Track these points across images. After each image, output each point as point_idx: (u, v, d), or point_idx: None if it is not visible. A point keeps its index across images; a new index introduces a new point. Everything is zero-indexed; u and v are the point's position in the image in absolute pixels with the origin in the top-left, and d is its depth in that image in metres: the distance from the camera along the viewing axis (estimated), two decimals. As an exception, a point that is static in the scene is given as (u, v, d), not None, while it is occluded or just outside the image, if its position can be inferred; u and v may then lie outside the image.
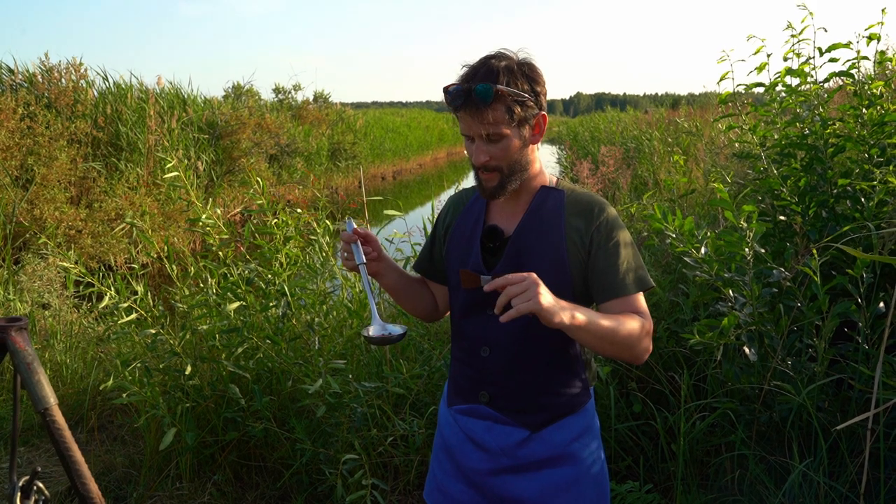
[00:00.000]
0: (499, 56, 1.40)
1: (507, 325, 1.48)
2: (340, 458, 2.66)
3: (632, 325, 1.37)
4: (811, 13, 2.86)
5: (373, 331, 1.50)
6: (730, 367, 2.52)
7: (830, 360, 2.33)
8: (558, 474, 1.52)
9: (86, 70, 10.63)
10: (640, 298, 1.45)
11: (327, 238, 3.50)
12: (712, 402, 2.53)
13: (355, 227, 1.57)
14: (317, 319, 3.17)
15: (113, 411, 3.83)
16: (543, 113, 1.44)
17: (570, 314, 1.25)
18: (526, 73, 1.39)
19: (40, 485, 1.12)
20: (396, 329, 1.51)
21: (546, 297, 1.21)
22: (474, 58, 1.45)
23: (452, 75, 1.44)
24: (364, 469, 2.62)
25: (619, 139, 12.96)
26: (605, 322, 1.32)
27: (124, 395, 2.81)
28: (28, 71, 10.31)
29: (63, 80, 10.27)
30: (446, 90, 1.41)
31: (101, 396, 3.78)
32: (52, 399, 1.10)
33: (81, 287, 3.08)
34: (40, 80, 10.05)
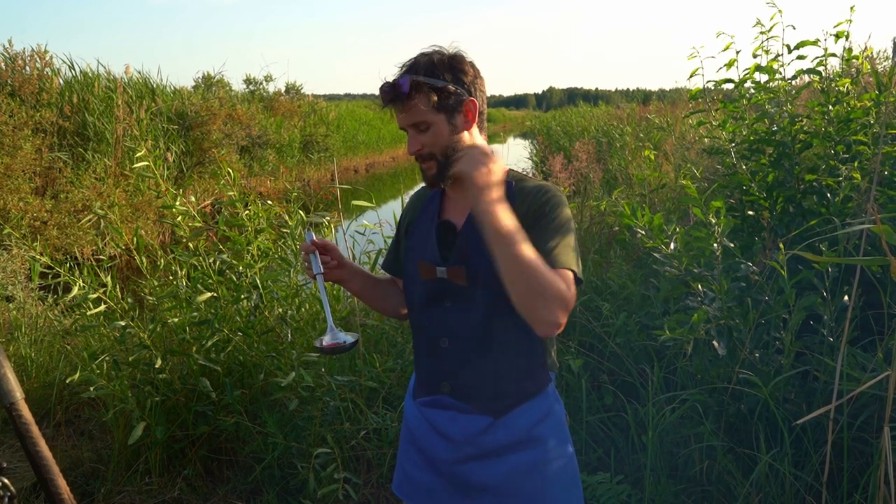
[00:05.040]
0: (427, 52, 1.48)
1: (466, 316, 1.50)
2: (313, 452, 2.65)
3: (551, 274, 1.30)
4: (780, 10, 2.91)
5: (326, 339, 1.55)
6: (699, 360, 2.55)
7: (797, 353, 2.38)
8: (522, 458, 1.54)
9: (51, 58, 10.41)
10: (567, 274, 1.37)
11: (299, 230, 3.47)
12: (682, 395, 2.56)
13: (314, 237, 1.62)
14: (289, 312, 3.15)
15: (80, 405, 3.77)
16: (472, 99, 1.49)
17: (501, 211, 1.30)
18: (450, 64, 1.46)
19: (6, 481, 1.10)
20: (348, 338, 1.56)
21: (485, 174, 1.30)
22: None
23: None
24: (336, 463, 2.61)
25: (591, 134, 13.04)
26: (529, 250, 1.29)
27: (92, 389, 2.76)
28: (-10, 59, 10.06)
29: (28, 68, 10.03)
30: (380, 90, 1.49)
31: (67, 390, 3.71)
32: (18, 393, 1.07)
33: (49, 278, 3.01)
34: (3, 67, 9.79)
